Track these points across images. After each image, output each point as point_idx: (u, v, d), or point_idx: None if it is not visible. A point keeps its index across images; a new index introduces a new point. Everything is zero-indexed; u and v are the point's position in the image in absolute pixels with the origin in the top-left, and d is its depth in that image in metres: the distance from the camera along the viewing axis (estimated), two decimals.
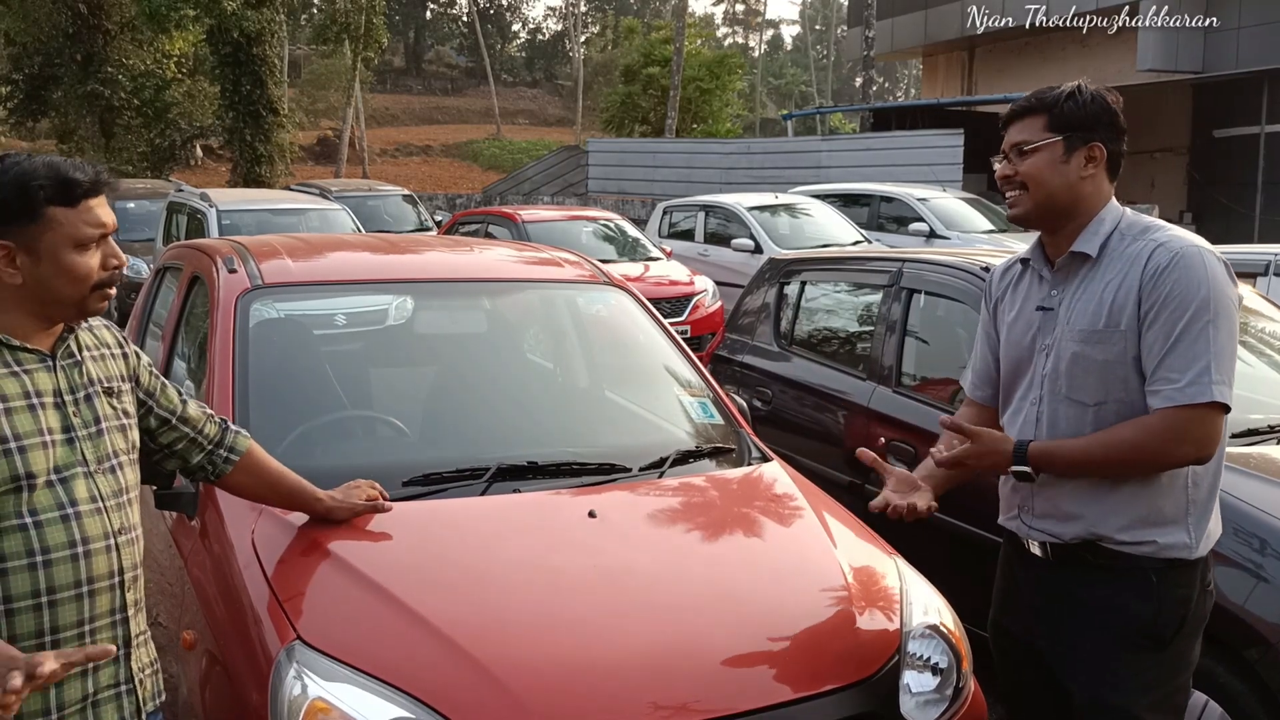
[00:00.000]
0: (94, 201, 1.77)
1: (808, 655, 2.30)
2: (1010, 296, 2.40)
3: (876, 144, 21.30)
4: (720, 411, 3.37)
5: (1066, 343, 2.21)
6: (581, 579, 2.43)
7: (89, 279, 1.77)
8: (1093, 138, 2.19)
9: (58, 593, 1.72)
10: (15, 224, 1.71)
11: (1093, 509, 2.19)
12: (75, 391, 1.82)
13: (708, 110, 32.90)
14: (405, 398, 3.32)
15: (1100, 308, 2.17)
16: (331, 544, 2.40)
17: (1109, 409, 2.16)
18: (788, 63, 74.17)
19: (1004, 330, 2.40)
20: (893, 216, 13.47)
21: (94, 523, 1.77)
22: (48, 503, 1.72)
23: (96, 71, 27.37)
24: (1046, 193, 2.21)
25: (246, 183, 25.57)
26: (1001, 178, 2.28)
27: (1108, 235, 2.21)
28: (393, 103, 52.75)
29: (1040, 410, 2.27)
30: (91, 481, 1.79)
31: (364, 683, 2.02)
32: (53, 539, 1.71)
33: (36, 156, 1.77)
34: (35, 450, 1.72)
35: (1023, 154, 2.23)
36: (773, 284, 5.40)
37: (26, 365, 1.76)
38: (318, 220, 11.09)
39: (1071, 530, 2.22)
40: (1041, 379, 2.26)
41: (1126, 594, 2.19)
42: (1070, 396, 2.21)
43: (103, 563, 1.78)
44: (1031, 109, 2.24)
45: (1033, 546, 2.32)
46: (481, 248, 4.27)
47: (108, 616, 1.80)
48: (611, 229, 11.72)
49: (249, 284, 3.15)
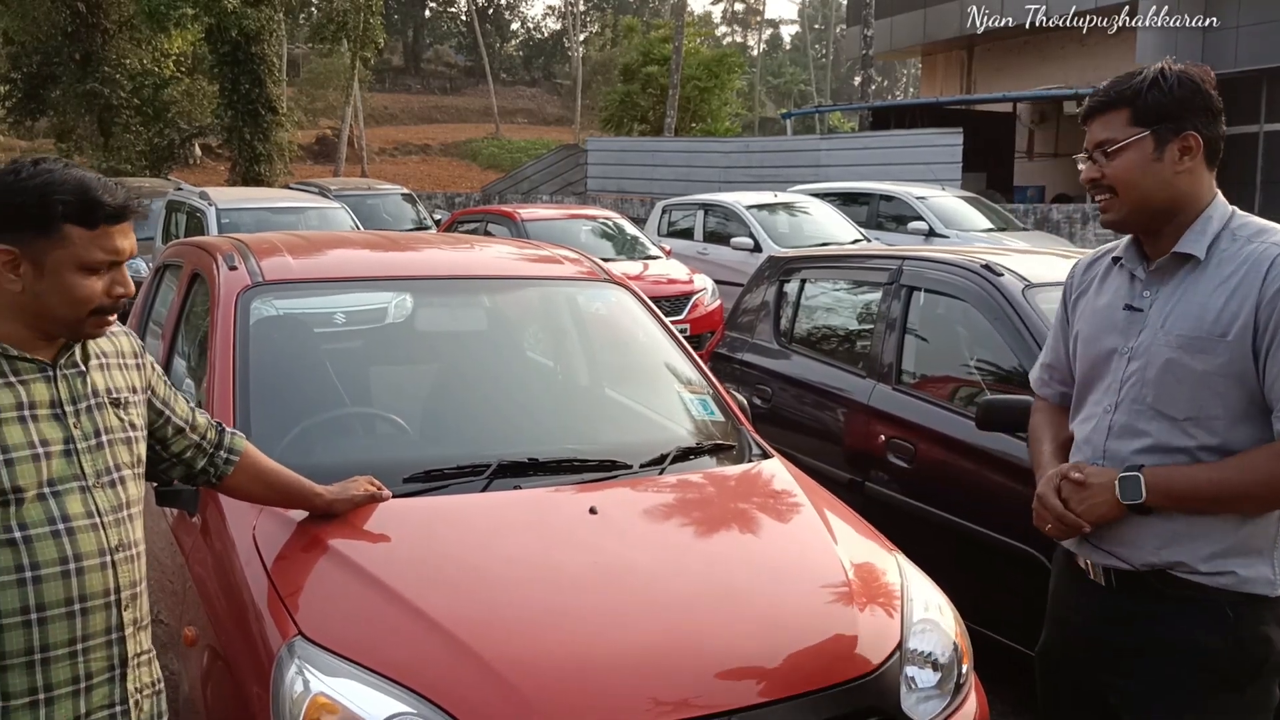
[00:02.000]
0: (115, 228, 1.71)
1: (808, 651, 2.30)
2: (1094, 292, 2.19)
3: (875, 143, 21.32)
4: (720, 408, 3.37)
5: (1159, 348, 1.99)
6: (582, 575, 2.43)
7: (88, 304, 1.71)
8: (1185, 126, 1.96)
9: (47, 609, 1.66)
10: (26, 231, 1.66)
11: (1169, 535, 1.98)
12: (77, 402, 1.76)
13: (707, 109, 32.88)
14: (406, 395, 3.32)
15: (1204, 313, 1.95)
16: (332, 540, 2.40)
17: (1202, 426, 1.95)
18: (786, 62, 74.14)
19: (1082, 327, 2.19)
20: (892, 215, 13.48)
21: (88, 539, 1.71)
22: (37, 517, 1.67)
23: (95, 70, 27.36)
24: (1140, 195, 2.00)
25: (245, 181, 25.55)
26: (1087, 181, 2.07)
27: (1216, 235, 1.99)
28: (391, 102, 52.71)
29: (1114, 420, 2.05)
30: (89, 496, 1.74)
31: (365, 678, 2.02)
32: (42, 554, 1.66)
33: (73, 168, 1.70)
34: (24, 463, 1.66)
35: (1108, 154, 2.01)
36: (772, 282, 5.40)
37: (24, 375, 1.70)
38: (317, 219, 11.09)
39: (1142, 557, 2.01)
40: (1120, 385, 2.05)
41: (1200, 629, 1.98)
42: (1156, 407, 1.99)
43: (97, 580, 1.72)
44: (1111, 102, 2.02)
45: (1094, 572, 2.11)
46: (482, 245, 4.26)
47: (102, 635, 1.74)
48: (610, 228, 11.72)
49: (249, 281, 3.15)
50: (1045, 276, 3.96)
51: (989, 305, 3.89)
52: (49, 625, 1.67)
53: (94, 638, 1.73)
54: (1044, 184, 23.53)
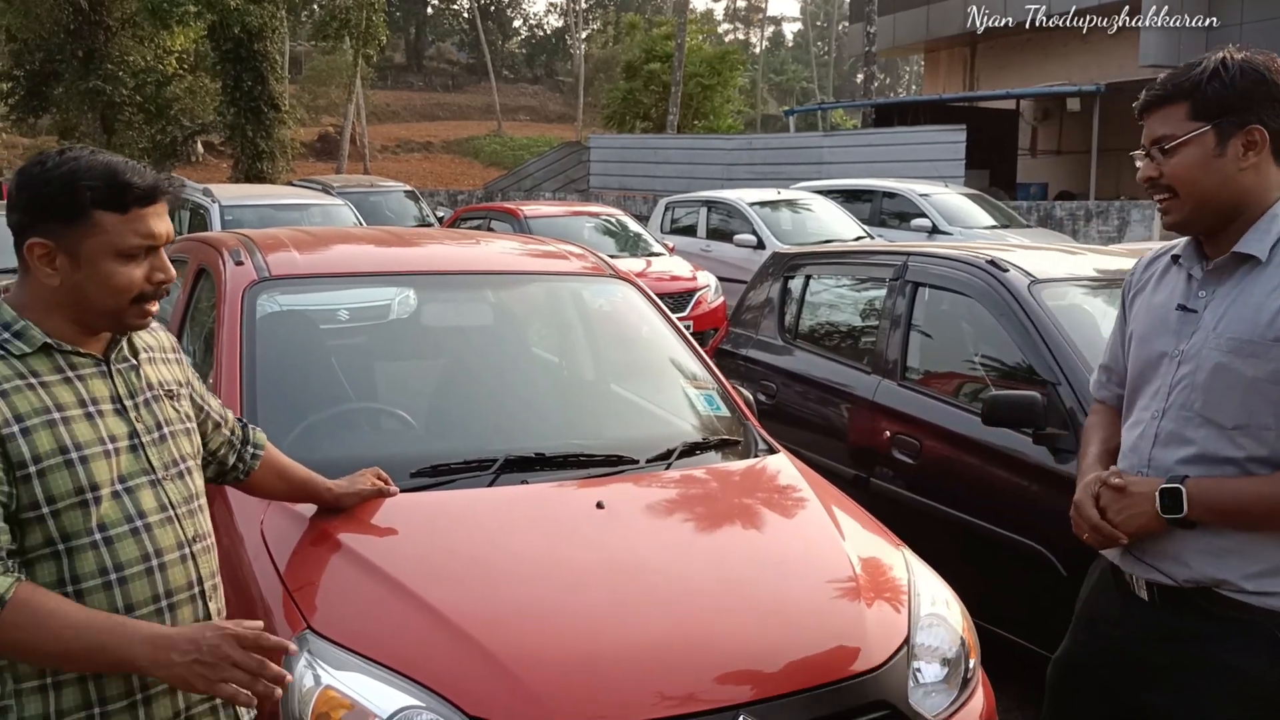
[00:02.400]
0: (148, 210, 1.65)
1: (817, 645, 2.30)
2: (1151, 290, 2.07)
3: (878, 140, 21.31)
4: (726, 403, 3.37)
5: (1210, 351, 1.88)
6: (589, 570, 2.43)
7: (129, 291, 1.65)
8: (1249, 120, 1.84)
9: (136, 610, 1.63)
10: (57, 222, 1.60)
11: (1214, 551, 1.88)
12: (135, 396, 1.72)
13: (709, 106, 32.85)
14: (412, 390, 3.33)
15: (1259, 315, 1.84)
16: (340, 534, 2.40)
17: (1252, 435, 1.84)
18: (789, 59, 74.06)
19: (1136, 326, 2.08)
20: (895, 212, 13.47)
21: (165, 533, 1.69)
22: (115, 516, 1.63)
23: (98, 68, 27.33)
24: (1201, 194, 1.88)
25: (248, 179, 25.54)
26: (1145, 179, 1.95)
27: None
28: (394, 99, 52.72)
29: (1160, 427, 1.95)
30: (160, 489, 1.71)
31: (374, 671, 2.02)
32: (125, 554, 1.63)
33: (100, 154, 1.65)
34: (98, 460, 1.62)
35: (1165, 151, 1.89)
36: (777, 278, 5.40)
37: (80, 370, 1.66)
38: (320, 215, 11.09)
39: (1186, 573, 1.91)
40: (1169, 390, 1.94)
41: (1244, 651, 1.87)
42: (1204, 414, 1.88)
43: (179, 574, 1.70)
44: (1170, 96, 1.89)
45: (1137, 586, 2.01)
46: (487, 240, 4.27)
47: None
48: (614, 224, 11.73)
49: (256, 276, 3.15)
50: (1051, 272, 3.96)
51: (994, 301, 3.88)
52: None
53: None
54: (1047, 181, 23.51)
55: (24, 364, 1.61)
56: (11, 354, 1.61)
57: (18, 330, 1.63)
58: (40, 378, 1.62)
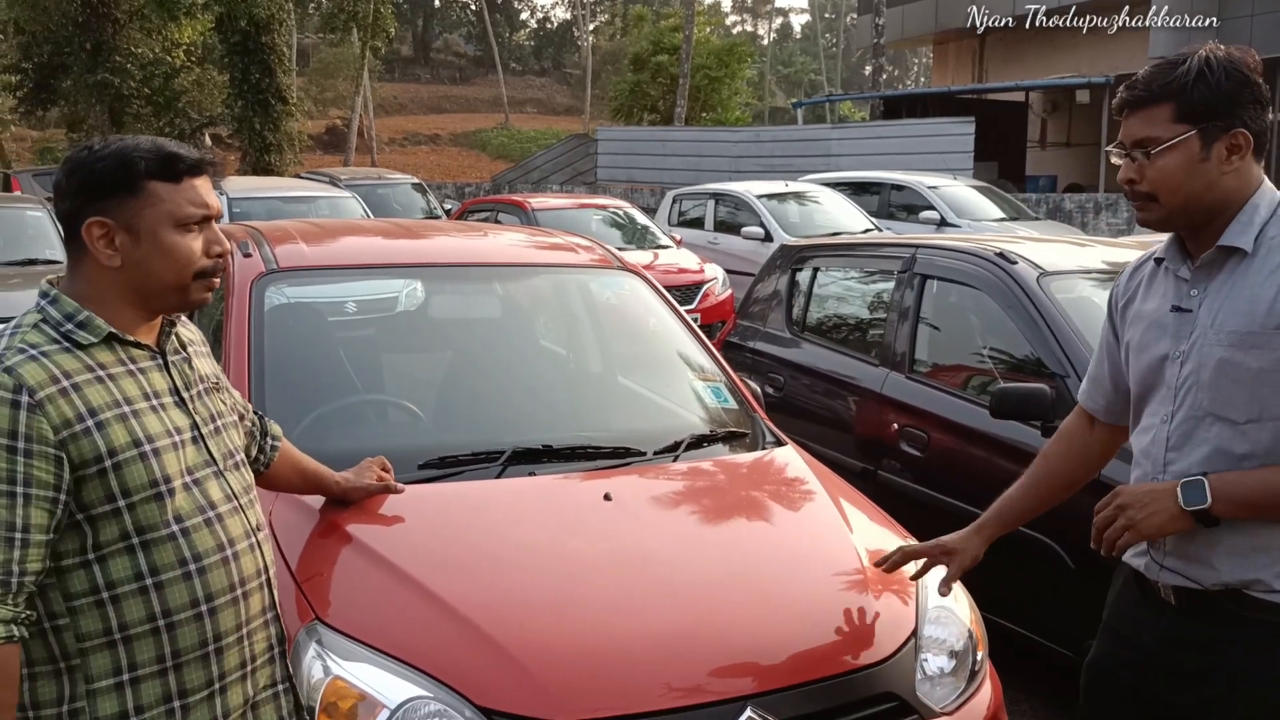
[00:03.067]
0: (198, 181, 1.67)
1: (824, 638, 2.30)
2: (1141, 298, 2.02)
3: (886, 132, 21.25)
4: (734, 396, 3.37)
5: (1211, 347, 1.84)
6: (597, 561, 2.43)
7: (191, 263, 1.65)
8: (1234, 124, 1.80)
9: (215, 599, 1.65)
10: (114, 198, 1.60)
11: (1241, 549, 1.82)
12: (190, 388, 1.73)
13: (717, 99, 32.79)
14: (420, 382, 3.33)
15: (1255, 305, 1.80)
16: (349, 526, 2.41)
17: (1266, 428, 1.80)
18: (797, 51, 73.94)
19: (1133, 335, 2.02)
20: (903, 205, 13.44)
21: (235, 523, 1.71)
22: (190, 507, 1.64)
23: (106, 60, 27.36)
24: (1184, 198, 1.84)
25: (256, 171, 25.57)
26: (1125, 181, 1.90)
27: (1264, 224, 1.84)
28: (401, 91, 52.72)
29: (1171, 430, 1.90)
30: (223, 480, 1.72)
31: (382, 662, 2.03)
32: (202, 545, 1.64)
33: (139, 136, 1.68)
34: (168, 453, 1.63)
35: (1149, 155, 1.84)
36: (785, 270, 5.39)
37: (140, 363, 1.66)
38: (328, 208, 11.11)
39: (1214, 576, 1.85)
40: (1176, 393, 1.89)
41: (1277, 655, 1.82)
42: (1214, 412, 1.84)
43: (249, 562, 1.72)
44: (1154, 97, 1.83)
45: (1163, 591, 1.94)
46: (495, 233, 4.27)
47: (260, 616, 1.75)
48: (621, 217, 11.71)
49: (264, 268, 3.16)
50: (1059, 264, 3.95)
51: (1003, 293, 3.87)
52: (219, 615, 1.66)
53: (254, 619, 1.73)
54: (1056, 173, 23.43)
55: (89, 356, 1.60)
56: (79, 344, 1.60)
57: (81, 321, 1.61)
58: (106, 370, 1.61)
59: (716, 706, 2.07)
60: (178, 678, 1.62)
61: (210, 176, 1.70)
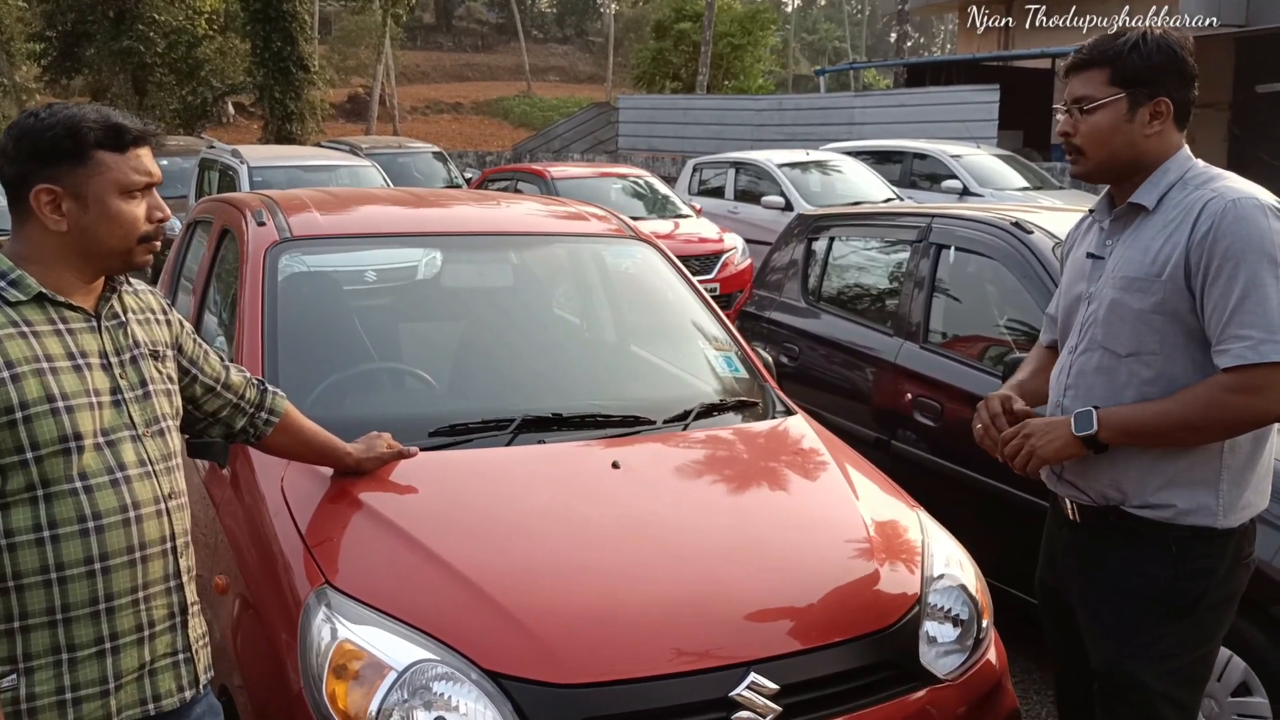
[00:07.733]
0: (141, 151, 1.75)
1: (828, 605, 2.31)
2: (1076, 246, 2.38)
3: (910, 100, 21.01)
4: (745, 365, 3.37)
5: (1107, 290, 2.16)
6: (605, 527, 2.45)
7: (135, 228, 1.74)
8: (1159, 92, 2.10)
9: (110, 559, 1.69)
10: (63, 166, 1.68)
11: (1117, 471, 2.15)
12: (120, 353, 1.78)
13: (739, 66, 32.55)
14: (432, 350, 3.35)
15: (1145, 255, 2.10)
16: (359, 493, 2.43)
17: (1141, 362, 2.11)
18: (821, 18, 73.12)
19: (1063, 280, 2.38)
20: (926, 174, 13.31)
21: (144, 487, 1.75)
22: (97, 466, 1.69)
23: (129, 28, 27.41)
24: (1108, 153, 2.15)
25: (278, 140, 25.58)
26: (1061, 134, 2.21)
27: (1169, 186, 2.13)
28: (423, 60, 52.55)
29: (1074, 359, 2.23)
30: (140, 445, 1.76)
31: (390, 626, 2.06)
32: (104, 504, 1.69)
33: (83, 105, 1.74)
34: (83, 410, 1.68)
35: (1084, 111, 2.15)
36: (801, 240, 5.37)
37: (71, 324, 1.73)
38: (348, 177, 11.11)
39: (1100, 490, 2.19)
40: (1082, 327, 2.23)
41: (1145, 561, 2.15)
42: (1104, 345, 2.16)
43: (154, 528, 1.75)
44: (1094, 60, 2.14)
45: (1067, 507, 2.29)
46: (510, 202, 4.27)
47: (161, 583, 1.77)
48: (641, 186, 11.68)
49: (278, 237, 3.18)
50: None
51: (1018, 263, 3.85)
52: (112, 574, 1.70)
53: (154, 585, 1.77)
54: None
55: (17, 312, 1.68)
56: (7, 301, 1.67)
57: (13, 279, 1.69)
58: (33, 327, 1.68)
59: (721, 671, 2.09)
60: (66, 631, 1.67)
61: (153, 146, 1.78)
